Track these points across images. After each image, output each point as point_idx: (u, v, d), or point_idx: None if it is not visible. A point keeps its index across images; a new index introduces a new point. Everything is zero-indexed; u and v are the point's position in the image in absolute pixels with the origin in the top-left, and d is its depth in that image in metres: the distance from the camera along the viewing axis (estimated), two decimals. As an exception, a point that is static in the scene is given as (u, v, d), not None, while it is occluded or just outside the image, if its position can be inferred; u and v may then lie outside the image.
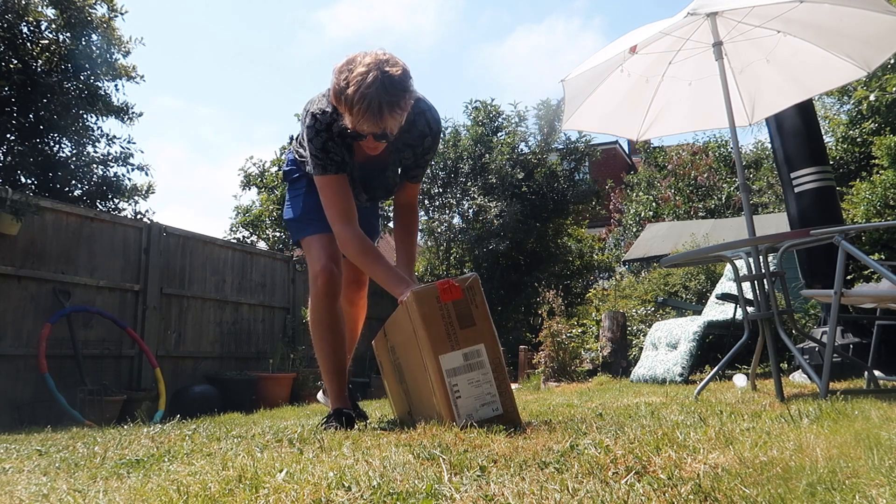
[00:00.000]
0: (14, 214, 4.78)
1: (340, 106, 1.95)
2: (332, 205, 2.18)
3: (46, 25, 6.80)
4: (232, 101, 53.83)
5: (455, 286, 1.78)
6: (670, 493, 0.93)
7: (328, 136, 2.09)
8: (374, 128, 1.93)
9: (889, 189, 6.02)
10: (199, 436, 2.05)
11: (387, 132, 1.98)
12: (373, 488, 1.00)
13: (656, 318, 7.41)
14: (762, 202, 14.84)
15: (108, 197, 7.54)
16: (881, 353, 3.59)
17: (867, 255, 2.70)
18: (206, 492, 1.06)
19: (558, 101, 12.37)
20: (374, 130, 1.95)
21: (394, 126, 1.97)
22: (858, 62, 3.50)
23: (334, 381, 2.32)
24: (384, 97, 1.86)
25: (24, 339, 5.02)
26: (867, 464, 1.03)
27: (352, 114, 1.90)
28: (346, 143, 2.15)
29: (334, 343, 2.32)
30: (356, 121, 1.91)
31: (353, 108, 1.88)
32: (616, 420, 1.89)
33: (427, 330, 1.74)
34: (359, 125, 1.92)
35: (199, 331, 6.71)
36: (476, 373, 1.75)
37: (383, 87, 1.86)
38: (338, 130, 2.08)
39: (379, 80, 1.85)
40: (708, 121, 4.10)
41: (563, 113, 4.04)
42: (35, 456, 1.89)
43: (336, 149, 2.13)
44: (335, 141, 2.11)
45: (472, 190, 11.69)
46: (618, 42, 3.40)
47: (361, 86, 1.85)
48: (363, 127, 1.92)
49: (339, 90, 1.92)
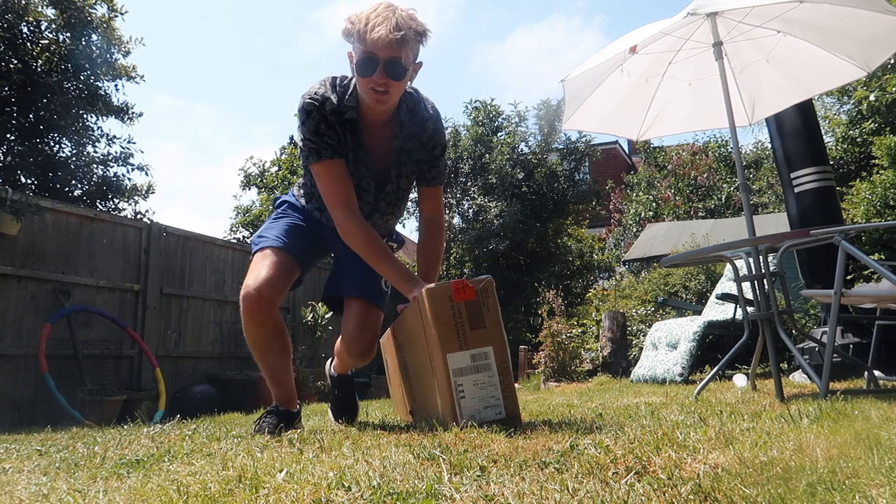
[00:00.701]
0: (14, 214, 4.78)
1: (353, 34, 1.94)
2: (330, 191, 2.09)
3: (46, 25, 6.81)
4: (231, 101, 53.83)
5: (469, 287, 1.78)
6: (670, 493, 0.93)
7: (321, 116, 2.04)
8: (390, 39, 1.87)
9: (889, 189, 6.03)
10: (199, 436, 2.05)
11: (401, 60, 1.93)
12: (373, 488, 1.00)
13: (656, 318, 7.42)
14: (762, 202, 14.84)
15: (108, 197, 7.54)
16: (881, 353, 3.59)
17: (867, 255, 2.70)
18: (206, 492, 1.06)
19: (558, 101, 12.38)
20: (390, 43, 1.88)
21: (408, 50, 1.94)
22: (858, 62, 3.50)
23: (275, 389, 2.25)
24: (398, 11, 1.93)
25: (24, 339, 5.02)
26: (867, 464, 1.03)
27: (367, 27, 1.89)
28: (347, 125, 2.09)
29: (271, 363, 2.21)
30: (371, 34, 1.88)
31: (369, 21, 1.89)
32: (616, 420, 1.89)
33: (437, 328, 1.75)
34: (374, 39, 1.88)
35: (199, 331, 6.71)
36: (482, 374, 1.75)
37: (396, 8, 1.95)
38: (331, 108, 2.05)
39: (391, 3, 1.96)
40: (708, 121, 4.10)
41: (564, 113, 4.04)
42: (35, 456, 1.89)
43: (330, 132, 2.06)
44: (328, 122, 2.05)
45: (472, 190, 11.70)
46: (618, 42, 3.40)
47: (376, 7, 1.94)
48: (379, 41, 1.88)
49: (351, 20, 1.94)
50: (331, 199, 2.10)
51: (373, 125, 2.14)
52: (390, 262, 2.08)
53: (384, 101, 2.01)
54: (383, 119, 2.14)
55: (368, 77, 1.95)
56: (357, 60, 1.96)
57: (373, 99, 1.99)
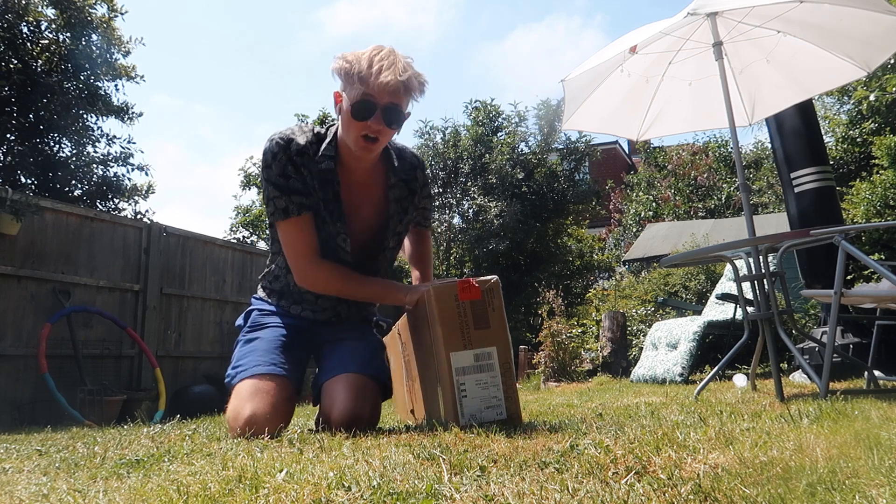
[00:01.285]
0: (14, 214, 4.78)
1: (351, 75, 1.79)
2: (296, 248, 1.93)
3: (46, 25, 6.81)
4: (230, 100, 53.75)
5: (474, 286, 1.78)
6: (670, 493, 0.93)
7: (286, 158, 1.89)
8: (397, 84, 1.75)
9: (889, 189, 6.03)
10: (199, 436, 2.05)
11: (400, 107, 1.82)
12: (373, 488, 1.00)
13: (656, 318, 7.42)
14: (762, 202, 14.84)
15: (108, 197, 7.55)
16: (881, 353, 3.59)
17: (867, 255, 2.70)
18: (206, 492, 1.06)
19: (558, 101, 12.38)
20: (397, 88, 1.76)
21: (408, 98, 1.83)
22: (858, 62, 3.50)
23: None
24: (401, 57, 1.83)
25: (24, 339, 5.02)
26: (867, 464, 1.03)
27: (372, 69, 1.76)
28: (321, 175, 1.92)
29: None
30: (378, 77, 1.75)
31: (373, 63, 1.77)
32: (616, 420, 1.89)
33: (442, 326, 1.75)
34: (380, 83, 1.75)
35: (199, 331, 6.71)
36: (485, 374, 1.75)
37: (398, 53, 1.84)
38: (297, 149, 1.89)
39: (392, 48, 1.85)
40: (708, 121, 4.10)
41: (563, 113, 4.05)
42: (35, 456, 1.89)
43: (297, 174, 1.90)
44: (294, 163, 1.89)
45: (472, 190, 11.69)
46: (618, 42, 3.40)
47: (377, 50, 1.81)
48: (384, 86, 1.75)
49: (347, 59, 1.80)
50: (295, 254, 1.94)
51: (354, 176, 1.99)
52: (374, 283, 2.01)
53: (373, 150, 1.88)
54: (364, 168, 2.00)
55: (364, 122, 1.81)
56: (353, 103, 1.81)
57: (362, 147, 1.86)
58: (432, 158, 11.98)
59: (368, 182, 2.03)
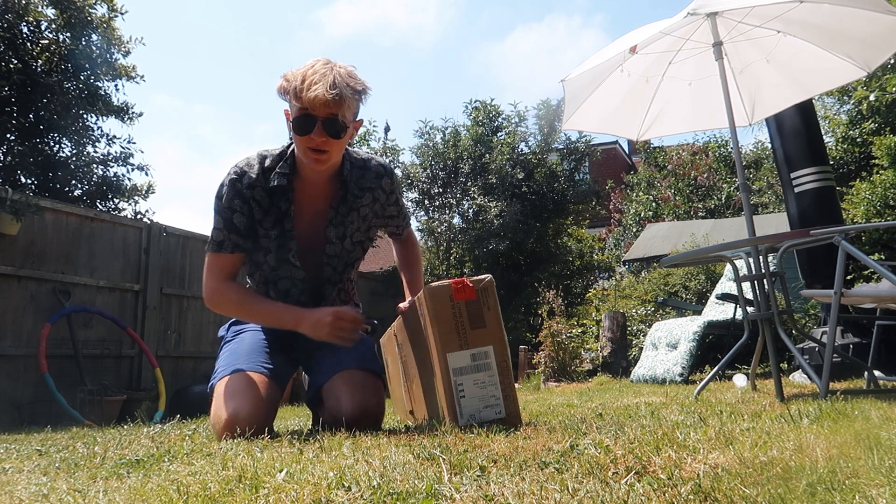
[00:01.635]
0: (14, 214, 4.78)
1: (288, 92, 1.84)
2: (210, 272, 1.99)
3: (46, 25, 6.80)
4: (229, 100, 53.64)
5: (469, 286, 1.78)
6: (670, 493, 0.93)
7: (234, 191, 1.95)
8: (326, 98, 1.77)
9: (889, 189, 6.03)
10: (199, 436, 2.05)
11: (339, 118, 1.83)
12: (373, 488, 1.00)
13: (656, 318, 7.42)
14: (762, 202, 14.84)
15: (108, 197, 7.54)
16: (881, 353, 3.59)
17: (867, 255, 2.70)
18: (206, 492, 1.06)
19: (558, 101, 12.37)
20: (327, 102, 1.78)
21: (346, 108, 1.83)
22: (858, 62, 3.50)
23: None
24: (336, 68, 1.85)
25: (24, 339, 5.02)
26: (867, 464, 1.03)
27: (303, 84, 1.80)
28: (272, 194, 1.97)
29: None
30: (307, 92, 1.78)
31: (305, 79, 1.80)
32: (616, 420, 1.89)
33: (437, 327, 1.75)
34: (311, 97, 1.78)
35: (200, 331, 6.71)
36: (482, 374, 1.75)
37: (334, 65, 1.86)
38: (248, 183, 1.94)
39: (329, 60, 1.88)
40: (708, 121, 4.10)
41: (563, 113, 4.04)
42: (35, 456, 1.89)
43: (244, 206, 1.95)
44: (243, 196, 1.95)
45: (472, 190, 11.69)
46: (618, 42, 3.40)
47: (313, 64, 1.85)
48: (315, 100, 1.78)
49: (287, 77, 1.86)
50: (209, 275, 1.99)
51: (310, 189, 2.03)
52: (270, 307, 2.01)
53: (323, 161, 1.91)
54: (323, 179, 2.03)
55: (307, 136, 1.85)
56: (294, 118, 1.86)
57: (311, 159, 1.89)
58: (432, 158, 11.98)
59: (321, 196, 2.06)
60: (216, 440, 1.89)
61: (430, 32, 51.99)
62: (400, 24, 54.06)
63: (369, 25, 54.25)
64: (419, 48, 50.92)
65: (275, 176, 1.97)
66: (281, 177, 1.97)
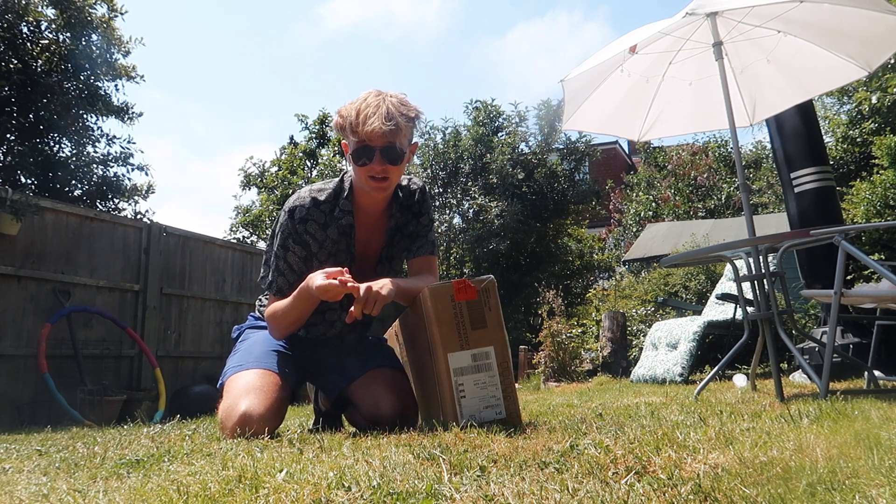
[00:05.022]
0: (14, 214, 4.78)
1: (345, 128, 1.93)
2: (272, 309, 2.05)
3: (46, 25, 6.80)
4: (224, 97, 53.08)
5: (470, 286, 1.79)
6: (670, 493, 0.93)
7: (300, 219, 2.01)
8: (383, 130, 1.85)
9: (889, 189, 6.03)
10: (199, 436, 2.05)
11: (396, 145, 1.91)
12: (373, 488, 1.00)
13: (656, 318, 7.42)
14: (762, 202, 14.84)
15: (108, 197, 7.54)
16: (881, 353, 3.59)
17: (867, 255, 2.70)
18: (206, 492, 1.06)
19: (559, 101, 12.39)
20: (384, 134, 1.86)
21: (402, 136, 1.92)
22: (859, 62, 3.50)
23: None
24: (388, 99, 1.92)
25: (24, 339, 5.02)
26: (867, 464, 1.03)
27: (358, 119, 1.88)
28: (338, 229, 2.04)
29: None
30: (364, 127, 1.86)
31: (360, 113, 1.88)
32: (616, 420, 1.89)
33: (438, 326, 1.75)
34: (368, 131, 1.86)
35: (199, 331, 6.71)
36: (483, 374, 1.75)
37: (385, 95, 1.95)
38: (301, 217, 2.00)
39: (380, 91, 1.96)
40: (708, 121, 4.09)
41: (564, 113, 4.04)
42: (35, 456, 1.89)
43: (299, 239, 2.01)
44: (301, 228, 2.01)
45: (473, 190, 11.70)
46: (617, 42, 3.40)
47: (365, 97, 1.94)
48: (372, 133, 1.86)
49: (341, 114, 1.95)
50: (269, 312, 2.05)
51: (367, 220, 2.09)
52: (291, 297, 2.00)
53: (384, 188, 1.98)
54: (380, 210, 2.10)
55: (366, 166, 1.92)
56: (353, 151, 1.94)
57: (373, 187, 1.96)
58: (433, 158, 11.99)
59: (375, 226, 2.13)
60: (222, 434, 1.90)
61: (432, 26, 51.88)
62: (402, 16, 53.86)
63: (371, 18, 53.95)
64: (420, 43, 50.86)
65: (340, 213, 2.04)
66: (347, 214, 2.04)
